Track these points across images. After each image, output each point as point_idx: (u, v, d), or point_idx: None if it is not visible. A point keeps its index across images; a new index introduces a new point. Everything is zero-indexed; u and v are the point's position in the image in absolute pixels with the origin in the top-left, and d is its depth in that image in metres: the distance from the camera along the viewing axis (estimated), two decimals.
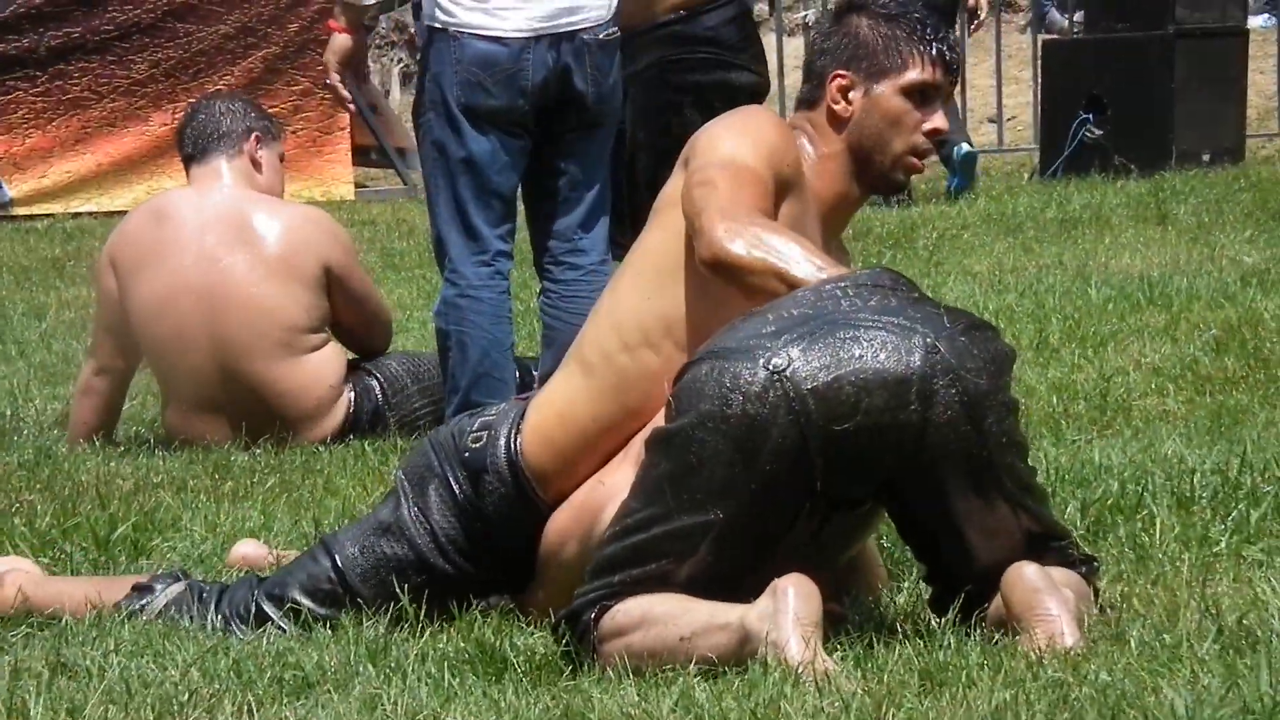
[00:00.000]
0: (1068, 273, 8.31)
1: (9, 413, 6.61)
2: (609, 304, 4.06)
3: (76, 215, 11.76)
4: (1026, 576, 3.58)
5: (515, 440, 3.98)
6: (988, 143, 13.35)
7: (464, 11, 5.83)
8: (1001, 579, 3.59)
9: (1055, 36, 13.50)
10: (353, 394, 6.28)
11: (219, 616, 4.06)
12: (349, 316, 6.31)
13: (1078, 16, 13.09)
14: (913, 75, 4.06)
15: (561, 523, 3.95)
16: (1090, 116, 11.41)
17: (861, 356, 3.55)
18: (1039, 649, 3.48)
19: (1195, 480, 4.72)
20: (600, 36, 5.90)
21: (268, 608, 4.03)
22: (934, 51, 4.09)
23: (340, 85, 6.05)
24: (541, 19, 5.82)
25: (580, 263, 5.91)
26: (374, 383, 6.35)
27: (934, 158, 6.41)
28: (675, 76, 6.44)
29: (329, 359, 6.28)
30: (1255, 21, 13.11)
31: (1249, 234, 9.01)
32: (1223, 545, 4.27)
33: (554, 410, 4.01)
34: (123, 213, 11.55)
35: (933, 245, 9.34)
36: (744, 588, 3.54)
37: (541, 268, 5.94)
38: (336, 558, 4.03)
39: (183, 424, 6.20)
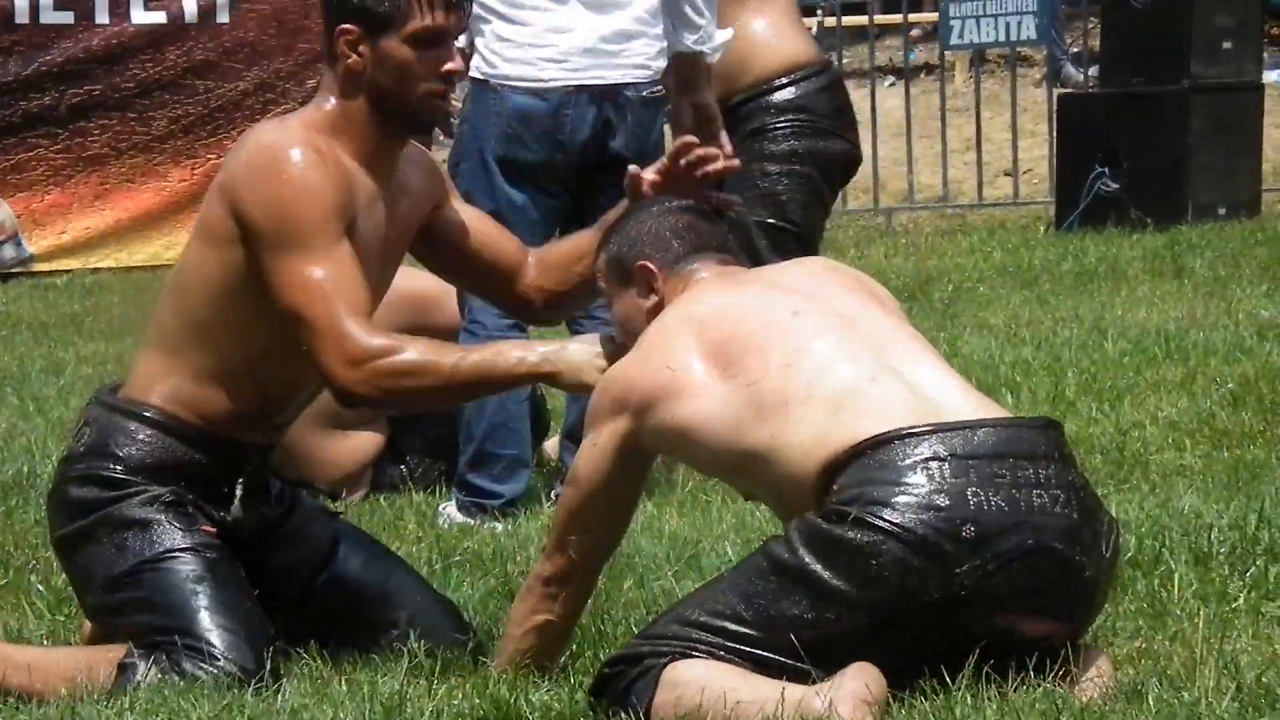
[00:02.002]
0: (1084, 326, 8.28)
1: (26, 469, 6.60)
2: None
3: (95, 270, 11.79)
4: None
5: None
6: (1004, 195, 13.39)
7: (505, 64, 5.81)
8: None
9: (1070, 90, 13.53)
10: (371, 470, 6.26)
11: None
12: None
13: (1093, 70, 13.13)
14: (415, 23, 4.02)
15: None
16: (1106, 170, 11.42)
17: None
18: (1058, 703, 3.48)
19: (1213, 535, 4.71)
20: (644, 94, 5.85)
21: None
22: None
23: None
24: (582, 73, 5.78)
25: None
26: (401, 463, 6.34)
27: None
28: (771, 145, 6.34)
29: (369, 439, 6.24)
30: (1270, 76, 13.13)
31: (1265, 288, 8.99)
32: (1241, 601, 4.26)
33: None
34: (142, 268, 11.75)
35: (948, 298, 9.34)
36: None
37: (573, 321, 5.88)
38: None
39: None
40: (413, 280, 6.18)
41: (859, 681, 3.48)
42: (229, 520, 4.15)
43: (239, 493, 4.16)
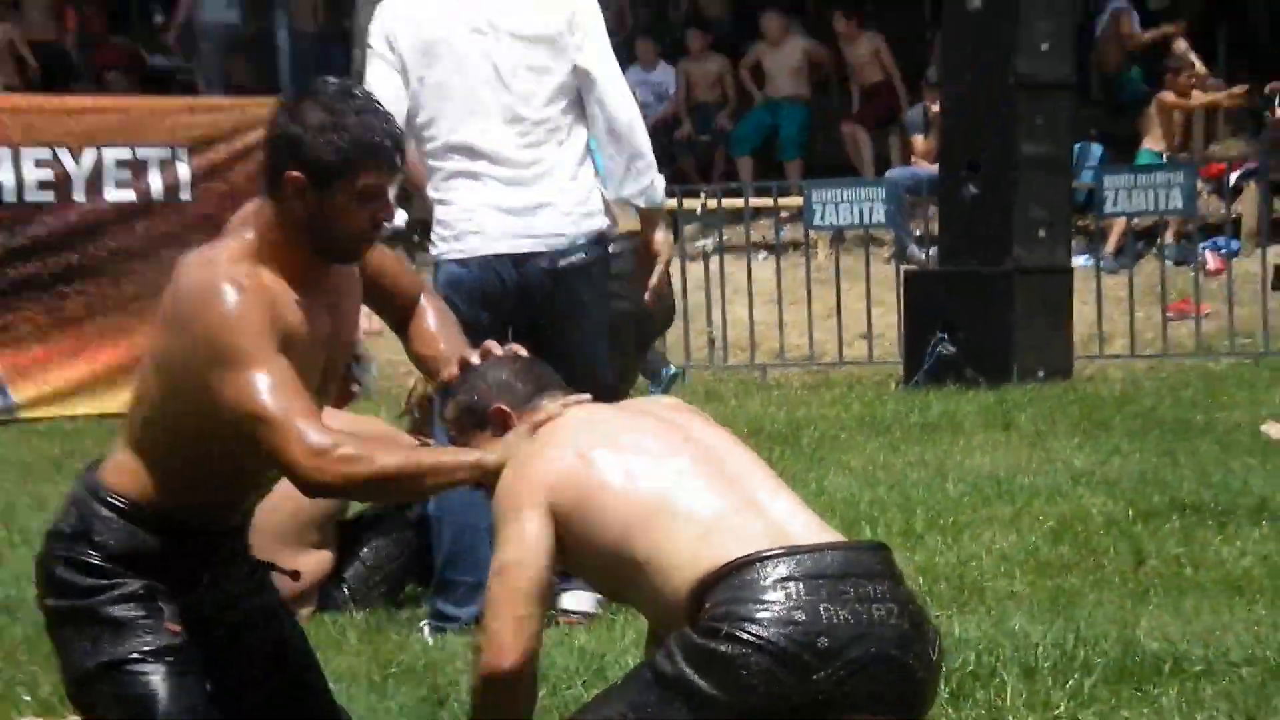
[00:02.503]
0: (929, 469, 8.34)
1: (14, 594, 6.55)
2: None
3: (73, 417, 11.69)
4: None
5: None
6: (860, 356, 13.44)
7: (441, 242, 5.79)
8: None
9: (915, 267, 13.62)
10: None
11: None
12: None
13: (933, 251, 13.22)
14: (361, 181, 3.81)
15: None
16: (945, 336, 11.50)
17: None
18: None
19: (1039, 652, 4.77)
20: (560, 264, 5.71)
21: None
22: (382, 155, 3.81)
23: None
24: (497, 242, 5.68)
25: None
26: (341, 584, 6.25)
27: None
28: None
29: (320, 557, 6.15)
30: (1078, 260, 13.27)
31: (1077, 441, 9.07)
32: (1062, 709, 4.34)
33: None
34: (114, 415, 11.61)
35: (815, 443, 9.38)
36: None
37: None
38: None
39: None
40: (367, 425, 6.18)
41: None
42: (201, 602, 4.03)
43: (205, 581, 4.03)
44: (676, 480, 3.71)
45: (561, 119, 5.69)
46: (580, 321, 5.79)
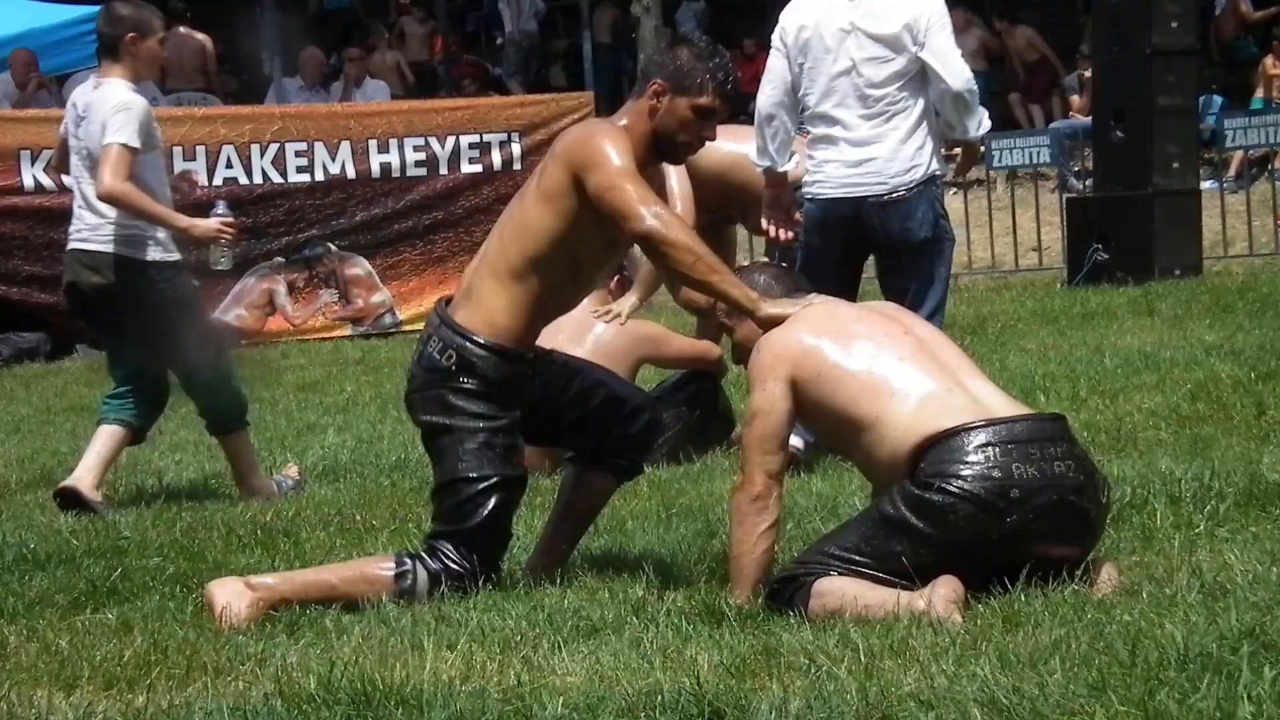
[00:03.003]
0: (1089, 348, 8.08)
1: (403, 455, 6.52)
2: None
3: None
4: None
5: None
6: (1032, 264, 13.13)
7: (806, 187, 5.85)
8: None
9: (1073, 195, 13.27)
10: None
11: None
12: None
13: (1088, 182, 12.87)
14: (701, 100, 3.96)
15: None
16: (1099, 246, 11.15)
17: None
18: (1084, 599, 3.40)
19: (1181, 486, 4.57)
20: (884, 199, 5.74)
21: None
22: (722, 88, 3.98)
23: None
24: (836, 189, 5.77)
25: None
26: None
27: None
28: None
29: None
30: (1205, 185, 12.84)
31: (1208, 322, 8.74)
32: (1201, 529, 4.14)
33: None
34: None
35: (998, 332, 9.17)
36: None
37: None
38: None
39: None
40: (642, 326, 6.15)
41: (947, 586, 3.41)
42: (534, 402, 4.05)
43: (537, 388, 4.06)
44: (898, 363, 3.64)
45: (898, 95, 5.73)
46: (909, 241, 5.79)
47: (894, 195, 5.75)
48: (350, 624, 3.72)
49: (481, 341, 3.98)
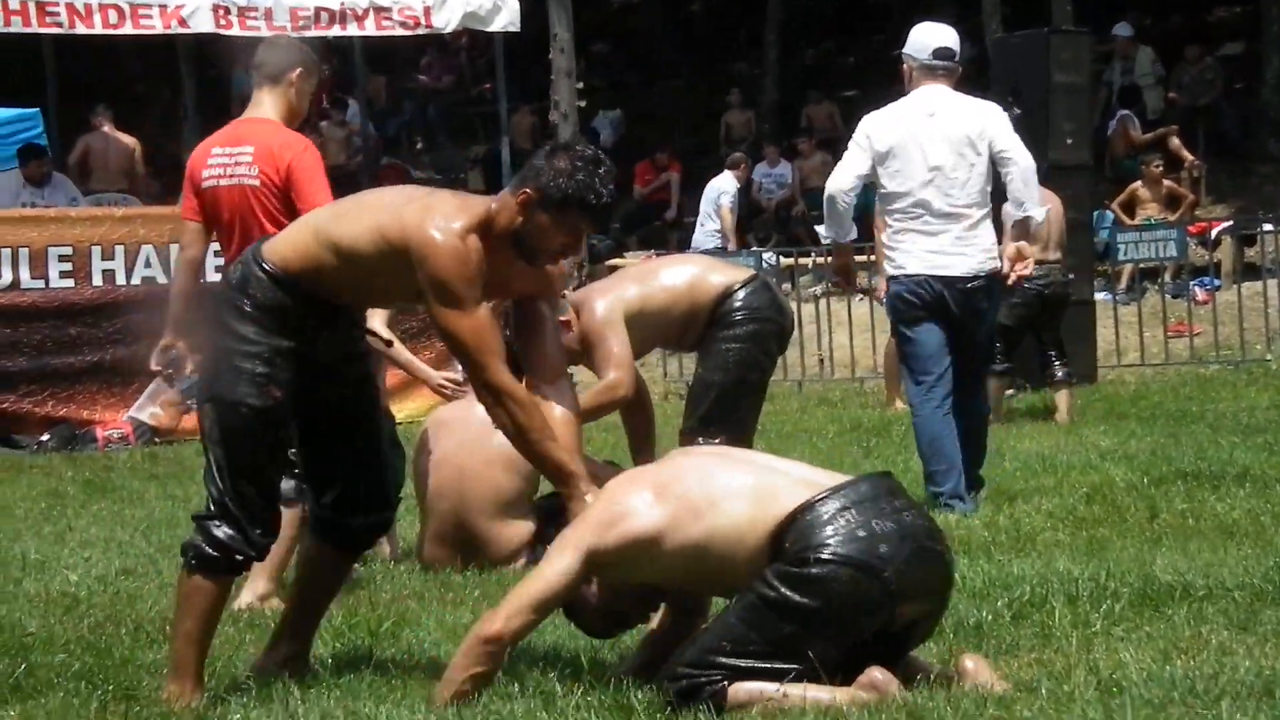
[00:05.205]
0: (990, 453, 7.92)
1: None
2: None
3: None
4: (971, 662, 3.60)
5: None
6: None
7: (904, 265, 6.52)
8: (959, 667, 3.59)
9: None
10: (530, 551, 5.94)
11: None
12: None
13: None
14: (564, 218, 3.74)
15: None
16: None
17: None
18: (984, 696, 3.40)
19: (1079, 585, 4.61)
20: (969, 285, 6.43)
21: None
22: (588, 210, 3.75)
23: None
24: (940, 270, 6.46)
25: None
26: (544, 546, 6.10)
27: None
28: (726, 331, 6.09)
29: (525, 526, 5.89)
30: (1099, 296, 13.07)
31: (1102, 428, 8.90)
32: (1098, 627, 4.17)
33: None
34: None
35: (901, 434, 9.07)
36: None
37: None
38: None
39: (431, 552, 5.95)
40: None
41: (878, 671, 3.41)
42: (314, 351, 3.85)
43: (323, 338, 3.87)
44: (709, 477, 3.61)
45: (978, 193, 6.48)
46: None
47: (978, 280, 6.47)
48: (259, 719, 3.63)
49: (265, 265, 3.84)
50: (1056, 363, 9.78)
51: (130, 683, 4.05)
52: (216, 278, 11.55)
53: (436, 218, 3.73)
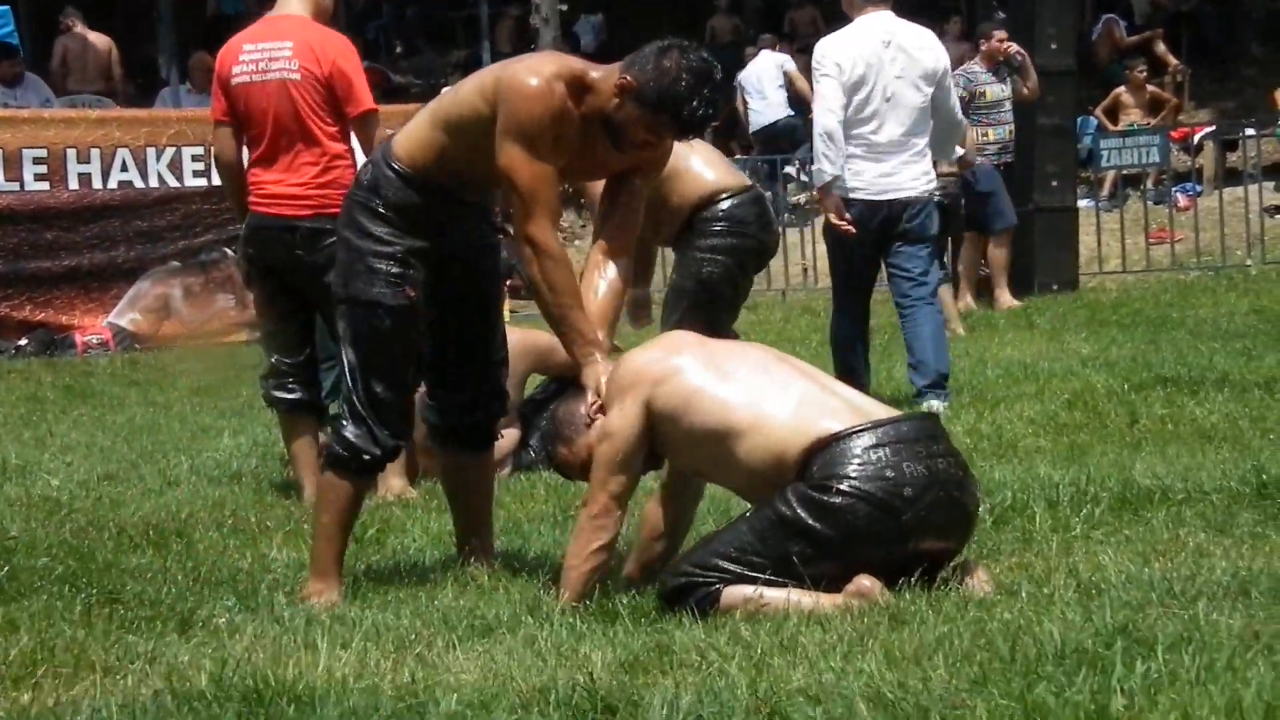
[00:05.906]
0: (972, 359, 8.18)
1: None
2: None
3: None
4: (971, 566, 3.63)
5: None
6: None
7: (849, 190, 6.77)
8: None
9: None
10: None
11: None
12: None
13: None
14: (657, 119, 3.74)
15: None
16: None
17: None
18: (966, 598, 3.43)
19: (1059, 491, 4.64)
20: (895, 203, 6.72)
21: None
22: (680, 118, 3.72)
23: None
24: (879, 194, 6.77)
25: None
26: (528, 449, 6.02)
27: None
28: (703, 241, 5.94)
29: (511, 434, 5.76)
30: (1082, 203, 13.06)
31: (1084, 335, 8.91)
32: (1077, 530, 4.21)
33: None
34: None
35: (884, 344, 8.97)
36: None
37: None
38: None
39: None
40: (530, 336, 5.99)
41: (866, 579, 3.45)
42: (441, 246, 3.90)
43: (449, 232, 3.93)
44: (765, 373, 3.63)
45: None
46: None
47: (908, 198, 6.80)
48: (243, 623, 3.66)
49: (394, 165, 3.90)
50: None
51: (114, 586, 4.06)
52: (198, 183, 11.60)
53: (528, 63, 3.79)
